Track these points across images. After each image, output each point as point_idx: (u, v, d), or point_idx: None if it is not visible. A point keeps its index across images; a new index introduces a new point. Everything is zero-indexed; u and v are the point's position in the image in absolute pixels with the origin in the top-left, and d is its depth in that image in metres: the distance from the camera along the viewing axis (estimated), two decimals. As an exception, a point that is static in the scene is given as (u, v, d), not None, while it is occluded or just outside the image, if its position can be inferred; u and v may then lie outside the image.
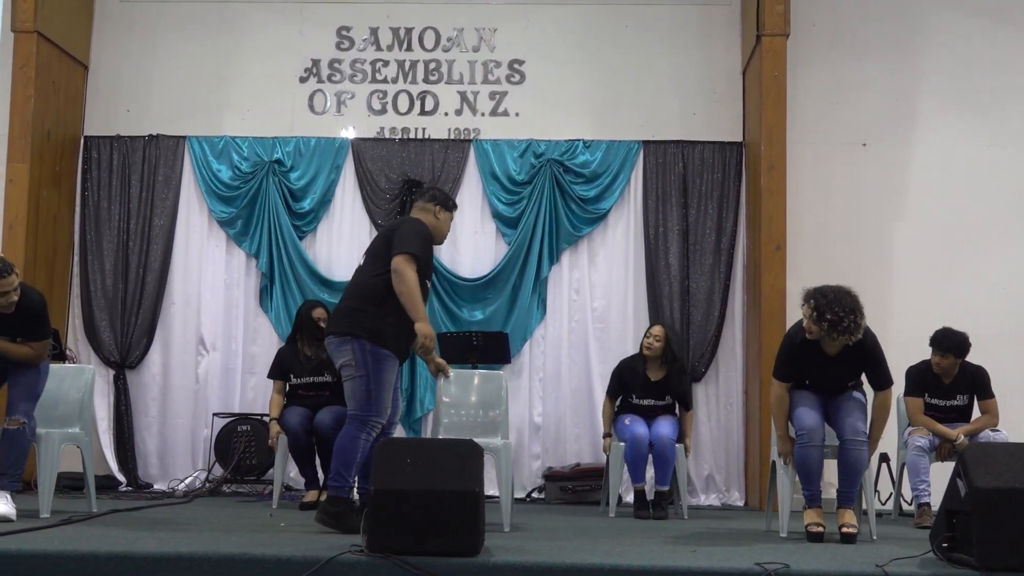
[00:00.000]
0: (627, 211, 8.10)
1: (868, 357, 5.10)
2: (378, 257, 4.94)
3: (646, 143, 8.13)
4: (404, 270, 4.78)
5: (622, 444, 6.41)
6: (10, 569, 3.85)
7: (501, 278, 7.96)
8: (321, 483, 6.49)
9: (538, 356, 7.98)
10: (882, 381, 5.16)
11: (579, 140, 8.12)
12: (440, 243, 5.32)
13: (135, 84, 8.43)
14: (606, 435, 6.68)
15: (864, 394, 5.25)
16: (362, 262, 5.07)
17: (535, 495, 7.70)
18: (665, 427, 6.39)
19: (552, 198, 8.02)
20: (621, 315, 7.95)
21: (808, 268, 7.38)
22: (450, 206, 5.25)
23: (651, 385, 6.58)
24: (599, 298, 8.04)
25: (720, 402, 7.93)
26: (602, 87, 8.34)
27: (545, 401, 7.92)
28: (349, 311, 4.91)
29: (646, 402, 6.57)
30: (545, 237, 7.97)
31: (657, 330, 6.66)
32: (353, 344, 4.81)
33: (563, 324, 8.00)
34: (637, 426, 6.39)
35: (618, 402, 6.74)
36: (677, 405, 6.67)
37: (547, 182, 8.02)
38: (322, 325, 6.54)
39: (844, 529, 4.92)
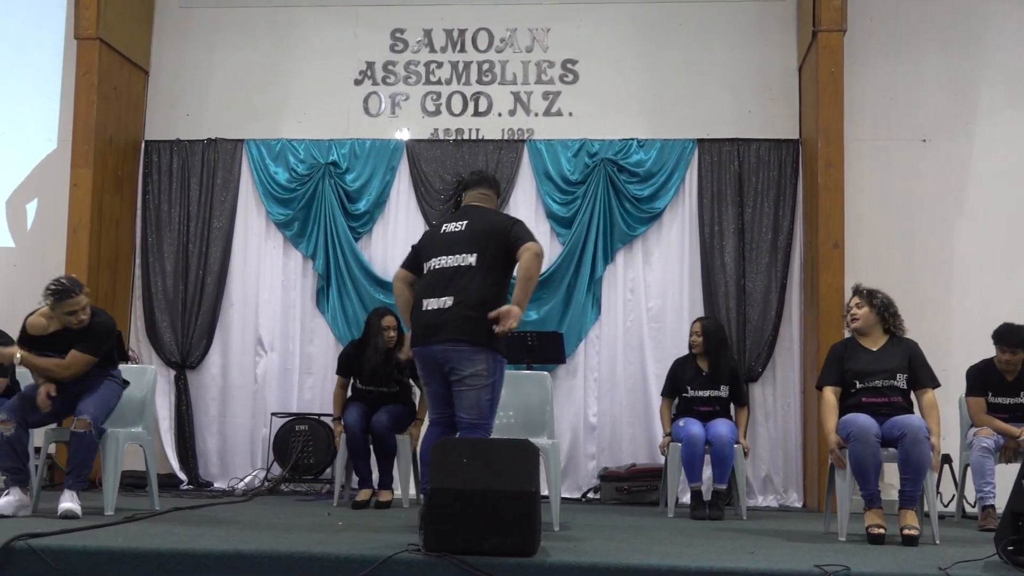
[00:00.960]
0: (682, 210, 8.05)
1: (912, 353, 5.26)
2: (497, 265, 4.84)
3: (701, 141, 8.07)
4: (542, 254, 4.84)
5: (679, 444, 6.39)
6: (77, 565, 3.93)
7: (555, 278, 7.95)
8: (376, 483, 6.55)
9: (593, 356, 7.96)
10: (928, 380, 5.24)
11: (633, 139, 8.09)
12: None
13: (194, 89, 8.57)
14: (665, 435, 6.66)
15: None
16: (454, 261, 4.83)
17: (590, 495, 7.68)
18: (723, 427, 6.38)
19: (606, 198, 8.00)
20: (676, 314, 7.90)
21: (867, 266, 7.30)
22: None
23: (703, 376, 6.59)
24: (654, 297, 8.00)
25: (778, 402, 7.85)
26: (656, 86, 8.30)
27: (600, 401, 7.90)
28: (480, 322, 4.69)
29: (703, 393, 6.56)
30: (599, 237, 7.95)
31: (696, 326, 6.74)
32: (488, 356, 4.72)
33: (618, 324, 7.97)
34: (692, 426, 6.36)
35: (676, 403, 6.72)
36: (732, 405, 6.65)
37: (601, 182, 8.00)
38: (392, 334, 6.62)
39: (906, 531, 4.84)
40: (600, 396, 7.90)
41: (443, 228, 5.01)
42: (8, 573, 3.93)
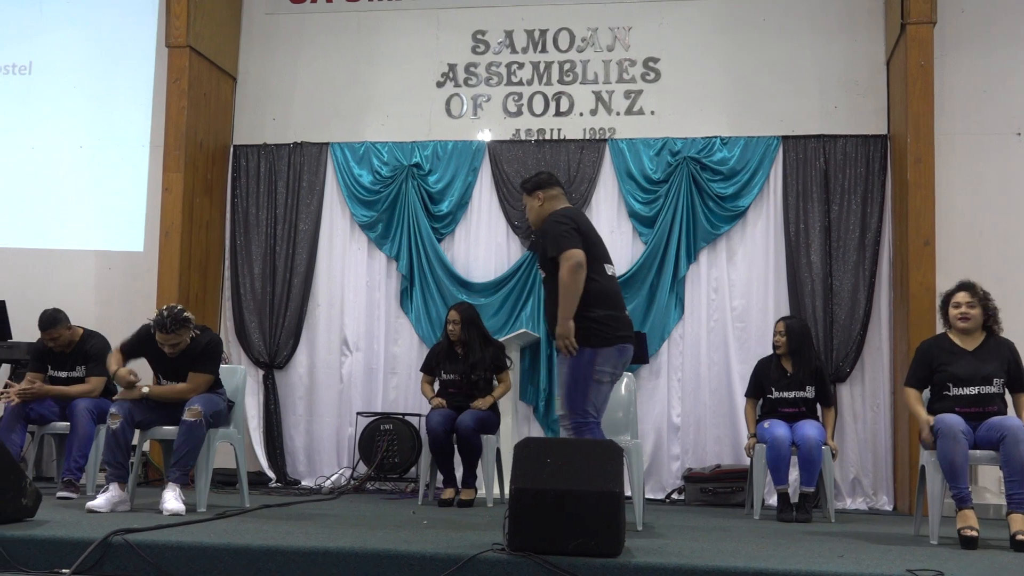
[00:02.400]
0: (766, 208, 7.94)
1: (1012, 356, 5.15)
2: None
3: (786, 138, 7.96)
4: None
5: (764, 446, 6.31)
6: (171, 560, 4.04)
7: (638, 278, 7.91)
8: (460, 482, 6.59)
9: (676, 356, 7.90)
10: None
11: (716, 137, 8.01)
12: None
13: (280, 93, 8.73)
14: (751, 436, 6.58)
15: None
16: (609, 269, 4.88)
17: (675, 496, 7.63)
18: (810, 428, 6.28)
19: (689, 196, 7.93)
20: (761, 314, 7.80)
21: (959, 264, 7.13)
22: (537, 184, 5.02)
23: (788, 377, 6.51)
24: (738, 297, 7.91)
25: (866, 403, 7.70)
26: (739, 82, 8.21)
27: (684, 402, 7.83)
28: None
29: (788, 394, 6.47)
30: (682, 236, 7.89)
31: (779, 326, 6.65)
32: None
33: (702, 323, 7.90)
34: (778, 428, 6.27)
35: (760, 404, 6.65)
36: (819, 405, 6.55)
37: (684, 180, 7.93)
38: (452, 327, 6.73)
39: (1018, 536, 4.65)
40: (684, 396, 7.84)
41: (591, 229, 4.90)
42: (106, 567, 4.05)
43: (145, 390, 5.52)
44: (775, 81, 8.15)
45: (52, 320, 6.44)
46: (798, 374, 6.50)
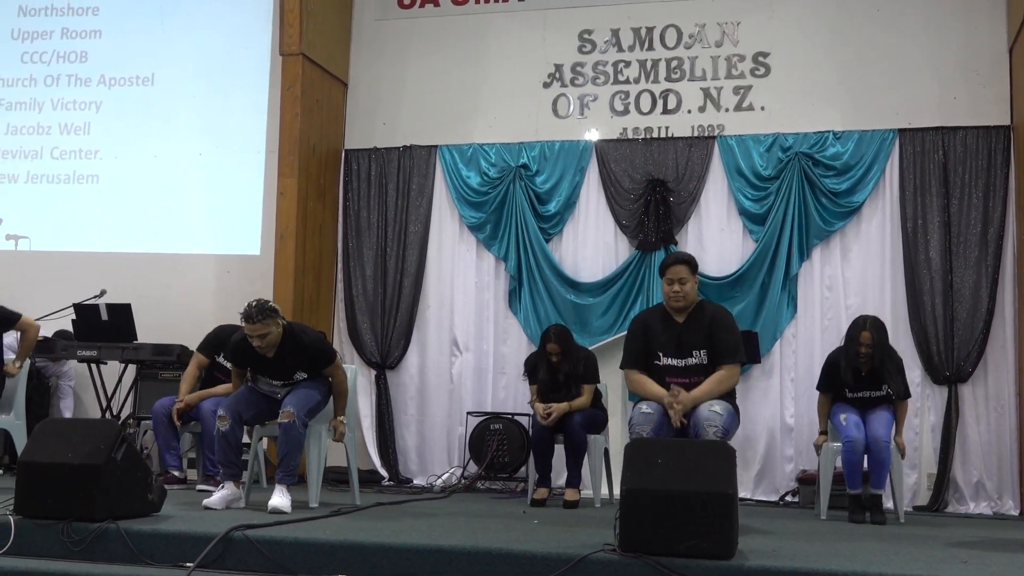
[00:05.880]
0: (882, 203, 7.73)
1: None
2: None
3: (902, 131, 7.73)
4: None
5: (837, 445, 6.16)
6: (289, 555, 4.14)
7: (749, 276, 7.79)
8: (565, 481, 6.58)
9: (789, 355, 7.75)
10: None
11: (829, 131, 7.83)
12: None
13: (390, 98, 8.87)
14: (821, 433, 6.42)
15: None
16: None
17: (788, 498, 7.49)
18: (880, 427, 6.09)
19: (801, 193, 7.78)
20: (877, 312, 7.50)
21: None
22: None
23: (862, 377, 6.29)
24: (853, 295, 7.71)
25: (989, 404, 7.43)
26: (852, 75, 8.01)
27: (798, 402, 7.67)
28: None
29: (862, 394, 6.28)
30: (794, 233, 7.74)
31: (865, 337, 6.18)
32: None
33: (815, 322, 7.73)
34: (853, 428, 6.09)
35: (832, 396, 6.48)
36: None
37: (795, 176, 7.78)
38: (554, 359, 6.60)
39: None
40: (797, 397, 7.68)
41: None
42: (227, 562, 4.17)
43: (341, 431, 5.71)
44: (890, 72, 7.93)
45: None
46: (872, 376, 6.28)
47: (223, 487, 5.48)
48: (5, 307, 6.66)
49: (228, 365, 6.67)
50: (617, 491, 6.75)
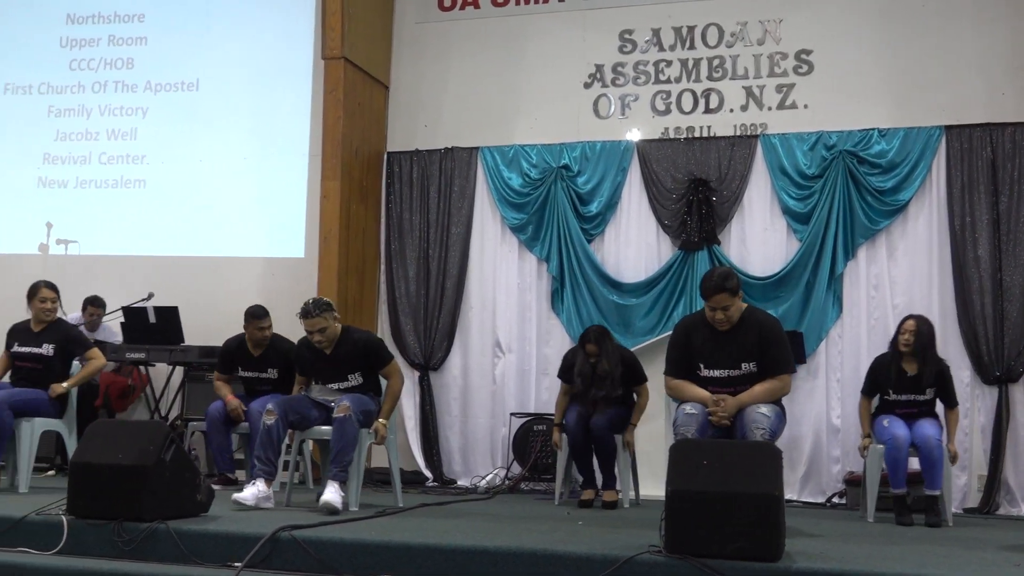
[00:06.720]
0: (929, 201, 7.63)
1: None
2: None
3: (948, 128, 7.62)
4: None
5: (881, 447, 6.09)
6: (335, 556, 4.17)
7: (793, 275, 7.72)
8: (600, 483, 6.57)
9: (835, 356, 7.67)
10: None
11: (874, 129, 7.74)
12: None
13: (431, 100, 8.91)
14: (865, 436, 6.36)
15: None
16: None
17: (835, 500, 7.41)
18: (929, 427, 6.04)
19: (846, 191, 7.70)
20: (925, 312, 7.39)
21: None
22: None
23: (907, 378, 6.23)
24: (900, 294, 7.62)
25: (1042, 405, 7.31)
26: (897, 72, 7.92)
27: (844, 403, 7.58)
28: None
29: (906, 397, 6.21)
30: (839, 232, 7.66)
31: (908, 324, 6.29)
32: None
33: (861, 322, 7.65)
34: (897, 427, 6.03)
35: (876, 402, 6.40)
36: (941, 405, 6.29)
37: (840, 175, 7.70)
38: (592, 360, 6.60)
39: None
40: (843, 397, 7.59)
41: None
42: (275, 561, 4.22)
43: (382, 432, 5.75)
44: (936, 69, 7.83)
45: (264, 311, 6.94)
46: (920, 376, 6.21)
47: (255, 483, 5.47)
48: (83, 334, 6.89)
49: (249, 375, 6.83)
50: (643, 491, 6.80)
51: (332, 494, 5.29)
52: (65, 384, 6.44)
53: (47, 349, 6.47)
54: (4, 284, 6.50)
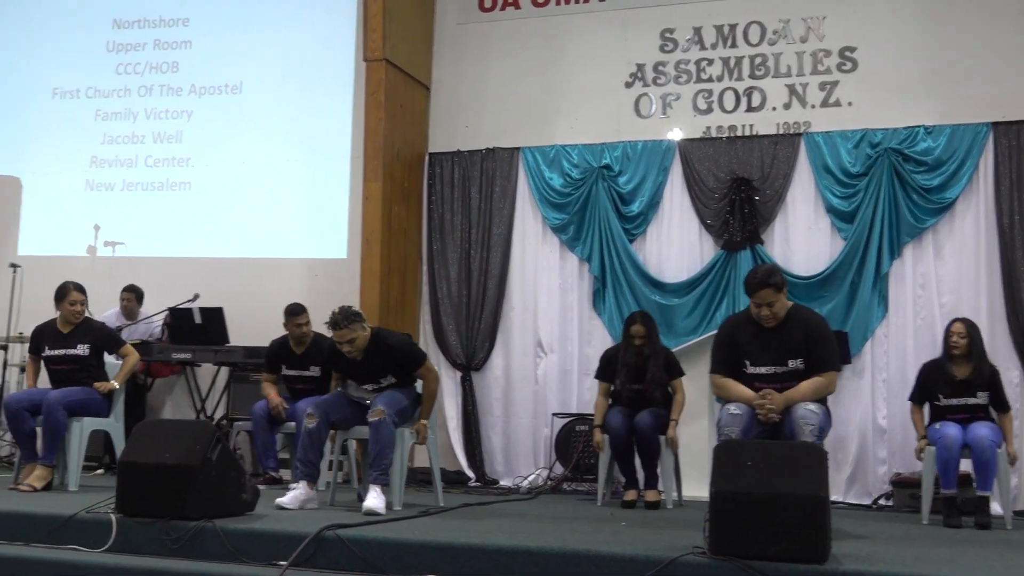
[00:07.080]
0: (976, 199, 7.52)
1: None
2: None
3: (996, 125, 7.51)
4: None
5: (934, 448, 6.04)
6: (379, 555, 4.19)
7: (838, 275, 7.65)
8: (641, 483, 6.54)
9: (881, 356, 7.59)
10: None
11: (920, 126, 7.64)
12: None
13: (472, 101, 8.93)
14: (920, 439, 6.29)
15: None
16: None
17: (882, 502, 7.33)
18: (983, 429, 5.97)
19: (891, 189, 7.61)
20: (973, 311, 7.35)
21: None
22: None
23: (957, 383, 6.16)
24: (947, 293, 7.52)
25: (1092, 406, 7.18)
26: (943, 68, 7.81)
27: (890, 403, 7.49)
28: None
29: (955, 402, 6.15)
30: (884, 230, 7.57)
31: (957, 327, 6.24)
32: None
33: (907, 322, 7.56)
34: (950, 428, 5.97)
35: (929, 412, 6.35)
36: (993, 411, 6.19)
37: (885, 173, 7.61)
38: (637, 343, 6.61)
39: None
40: (890, 398, 7.50)
41: None
42: (319, 560, 4.25)
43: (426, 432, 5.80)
44: (983, 64, 7.71)
45: (300, 307, 7.01)
46: (970, 380, 6.14)
47: (296, 487, 5.50)
48: (114, 331, 6.99)
49: (292, 373, 6.89)
50: (686, 492, 6.76)
51: (374, 499, 5.30)
52: (115, 382, 6.52)
53: (82, 349, 6.52)
54: (54, 286, 6.59)
